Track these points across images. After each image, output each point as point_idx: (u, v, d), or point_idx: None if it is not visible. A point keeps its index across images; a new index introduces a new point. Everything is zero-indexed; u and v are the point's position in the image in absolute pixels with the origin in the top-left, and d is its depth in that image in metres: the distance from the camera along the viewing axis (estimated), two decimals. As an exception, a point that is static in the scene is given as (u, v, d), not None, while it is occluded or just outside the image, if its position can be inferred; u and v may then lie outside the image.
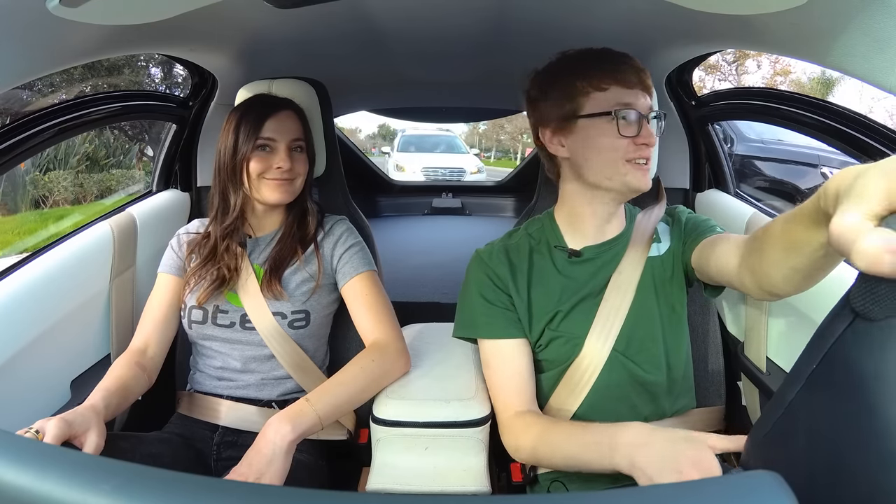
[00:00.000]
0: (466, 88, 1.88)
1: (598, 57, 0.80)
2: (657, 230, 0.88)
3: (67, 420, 0.70)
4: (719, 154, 1.34)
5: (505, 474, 0.96)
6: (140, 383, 0.91)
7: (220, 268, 0.97)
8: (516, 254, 0.87)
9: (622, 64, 0.79)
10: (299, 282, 0.98)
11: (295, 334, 0.96)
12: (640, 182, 0.78)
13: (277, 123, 0.96)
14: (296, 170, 0.98)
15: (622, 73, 0.78)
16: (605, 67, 0.79)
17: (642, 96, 0.78)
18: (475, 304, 0.86)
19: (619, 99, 0.77)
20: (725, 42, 1.01)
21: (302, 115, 1.02)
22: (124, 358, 0.93)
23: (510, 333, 0.84)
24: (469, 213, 2.97)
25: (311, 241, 1.01)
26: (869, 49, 0.61)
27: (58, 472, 0.29)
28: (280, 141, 0.96)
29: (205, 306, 0.96)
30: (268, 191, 0.96)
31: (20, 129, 0.92)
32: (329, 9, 0.89)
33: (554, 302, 0.83)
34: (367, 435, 0.92)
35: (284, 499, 0.30)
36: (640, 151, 0.77)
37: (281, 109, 0.98)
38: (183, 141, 1.36)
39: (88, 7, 0.62)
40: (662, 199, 0.94)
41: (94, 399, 0.79)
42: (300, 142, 0.99)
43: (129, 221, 1.16)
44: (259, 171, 0.95)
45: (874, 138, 0.85)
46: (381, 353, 0.91)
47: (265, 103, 0.99)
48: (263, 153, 0.96)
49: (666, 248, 0.86)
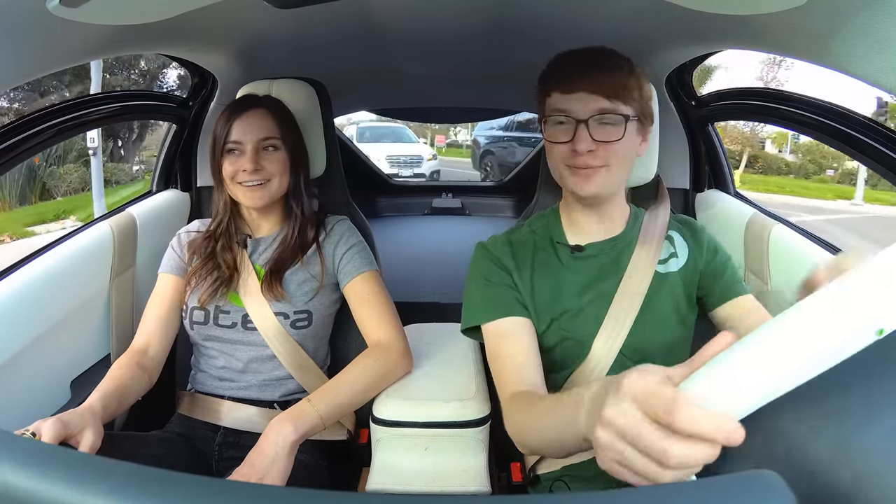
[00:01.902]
0: (466, 88, 1.88)
1: (562, 60, 0.79)
2: (673, 240, 0.86)
3: (64, 420, 0.70)
4: (719, 154, 1.34)
5: (505, 474, 0.96)
6: (140, 384, 0.91)
7: (220, 267, 0.97)
8: (520, 246, 0.87)
9: (568, 67, 0.78)
10: (301, 282, 0.98)
11: (297, 334, 0.96)
12: (578, 188, 0.77)
13: (244, 124, 0.94)
14: (267, 170, 0.95)
15: (563, 77, 0.77)
16: (554, 72, 0.79)
17: (583, 101, 0.75)
18: (478, 290, 0.84)
19: (555, 105, 0.77)
20: (725, 42, 1.01)
21: (278, 111, 0.99)
22: (124, 358, 0.92)
23: (511, 312, 0.81)
24: (469, 214, 2.96)
25: (312, 242, 1.00)
26: (869, 49, 0.61)
27: (62, 473, 0.29)
28: (246, 143, 0.94)
29: (206, 307, 0.96)
30: (240, 194, 0.96)
31: (20, 128, 0.92)
32: (329, 9, 0.89)
33: (560, 296, 0.82)
34: (367, 435, 0.92)
35: (285, 499, 0.30)
36: (574, 159, 0.76)
37: (249, 109, 0.96)
38: (183, 141, 1.36)
39: (88, 7, 0.62)
40: (665, 199, 0.94)
41: (92, 400, 0.79)
42: (271, 140, 0.96)
43: (129, 221, 1.16)
44: (230, 174, 0.95)
45: (874, 138, 0.85)
46: (385, 354, 0.91)
47: (237, 105, 0.97)
48: (233, 157, 0.95)
49: (683, 265, 0.85)
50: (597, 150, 0.75)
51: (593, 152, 0.75)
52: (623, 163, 0.78)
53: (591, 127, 0.75)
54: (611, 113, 0.75)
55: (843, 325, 0.34)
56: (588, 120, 0.75)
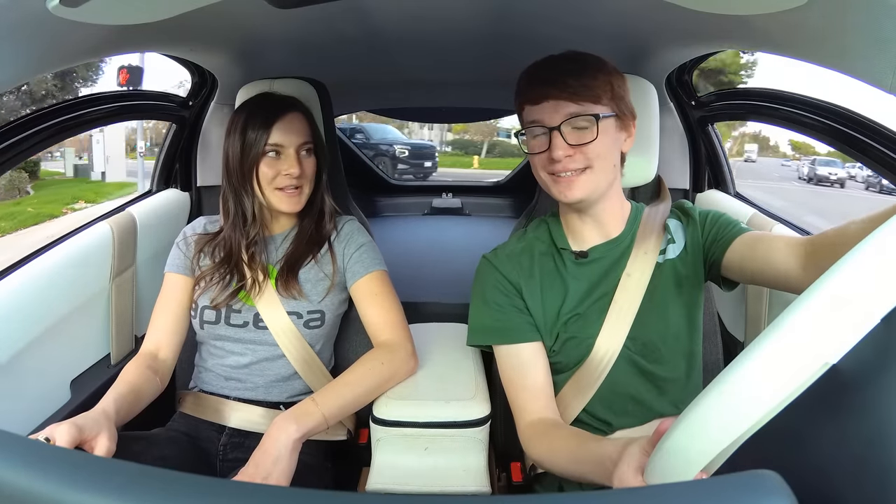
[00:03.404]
0: (466, 88, 1.88)
1: (529, 73, 0.81)
2: (669, 228, 0.86)
3: (78, 424, 0.70)
4: (719, 154, 1.34)
5: (505, 474, 0.96)
6: (152, 387, 0.90)
7: (235, 271, 0.96)
8: (525, 258, 0.87)
9: (534, 78, 0.79)
10: (314, 281, 0.97)
11: (309, 334, 0.96)
12: (561, 194, 0.78)
13: (286, 127, 0.94)
14: (305, 174, 0.95)
15: (528, 90, 0.79)
16: (523, 86, 0.80)
17: (552, 109, 0.76)
18: (489, 310, 0.85)
19: (528, 117, 0.79)
20: (725, 42, 1.01)
21: (309, 115, 1.00)
22: (136, 362, 0.92)
23: (527, 338, 0.83)
24: (469, 214, 2.96)
25: (325, 241, 1.00)
26: (869, 49, 0.61)
27: (68, 475, 0.29)
28: (289, 146, 0.93)
29: (218, 307, 0.96)
30: (277, 200, 0.95)
31: (20, 128, 0.92)
32: (329, 8, 0.89)
33: (567, 305, 0.83)
34: (367, 435, 0.92)
35: (285, 499, 0.31)
36: (553, 166, 0.77)
37: (288, 111, 0.95)
38: (183, 141, 1.36)
39: (88, 7, 0.62)
40: (666, 197, 0.94)
41: (106, 403, 0.78)
42: (308, 144, 0.97)
43: (129, 221, 1.16)
44: (269, 178, 0.93)
45: (874, 138, 0.85)
46: (391, 355, 0.91)
47: (272, 104, 0.96)
48: (272, 159, 0.93)
49: (682, 248, 0.85)
50: (574, 155, 0.76)
51: (571, 157, 0.76)
52: (605, 162, 0.78)
53: (563, 132, 0.76)
54: (580, 116, 0.76)
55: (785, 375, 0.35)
56: (560, 126, 0.76)
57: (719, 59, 9.63)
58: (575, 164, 0.76)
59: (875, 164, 0.84)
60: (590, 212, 0.83)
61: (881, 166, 0.83)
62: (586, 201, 0.80)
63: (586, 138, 0.76)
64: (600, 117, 0.76)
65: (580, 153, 0.76)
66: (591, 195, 0.79)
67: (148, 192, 1.35)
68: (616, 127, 0.79)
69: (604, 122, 0.76)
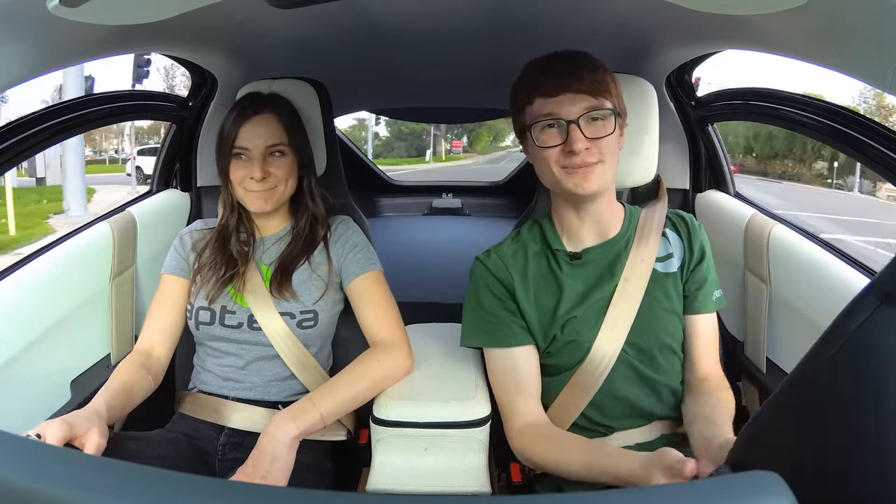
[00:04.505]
0: (466, 88, 1.88)
1: (538, 67, 0.81)
2: (668, 239, 0.86)
3: (69, 422, 0.70)
4: (719, 155, 1.34)
5: (505, 474, 0.96)
6: (145, 386, 0.90)
7: (228, 263, 0.97)
8: (519, 259, 0.87)
9: (546, 72, 0.79)
10: (308, 282, 0.98)
11: (303, 335, 0.96)
12: (578, 187, 0.78)
13: (252, 130, 0.94)
14: (275, 176, 0.95)
15: (542, 83, 0.78)
16: (533, 80, 0.80)
17: (570, 102, 0.76)
18: (482, 312, 0.85)
19: (540, 110, 0.78)
20: (725, 42, 1.01)
21: (287, 115, 0.98)
22: (129, 360, 0.92)
23: (519, 341, 0.83)
24: (469, 214, 2.96)
25: (319, 241, 1.00)
26: (869, 49, 0.61)
27: (65, 473, 0.29)
28: (253, 149, 0.93)
29: (212, 307, 0.96)
30: (248, 200, 0.96)
31: (20, 128, 0.91)
32: (329, 8, 0.89)
33: (564, 306, 0.83)
34: (367, 435, 0.92)
35: (285, 499, 0.31)
36: (570, 159, 0.77)
37: (258, 113, 0.95)
38: (183, 141, 1.36)
39: (88, 7, 0.62)
40: (664, 197, 0.94)
41: (97, 402, 0.79)
42: (278, 146, 0.95)
43: (129, 221, 1.16)
44: (237, 179, 0.95)
45: (874, 139, 0.85)
46: (387, 354, 0.91)
47: (244, 107, 0.96)
48: (240, 161, 0.94)
49: (678, 266, 0.85)
50: (591, 148, 0.77)
51: (589, 150, 0.77)
52: (614, 157, 0.80)
53: (582, 125, 0.76)
54: (598, 109, 0.77)
55: None
56: (578, 119, 0.76)
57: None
58: (592, 157, 0.77)
59: (875, 164, 0.84)
60: (591, 209, 0.83)
61: (881, 166, 0.83)
62: (598, 194, 0.81)
63: (603, 131, 0.77)
64: (615, 112, 0.78)
65: (596, 146, 0.77)
66: (602, 188, 0.80)
67: (148, 192, 1.35)
68: (619, 124, 0.80)
69: (616, 117, 0.78)
